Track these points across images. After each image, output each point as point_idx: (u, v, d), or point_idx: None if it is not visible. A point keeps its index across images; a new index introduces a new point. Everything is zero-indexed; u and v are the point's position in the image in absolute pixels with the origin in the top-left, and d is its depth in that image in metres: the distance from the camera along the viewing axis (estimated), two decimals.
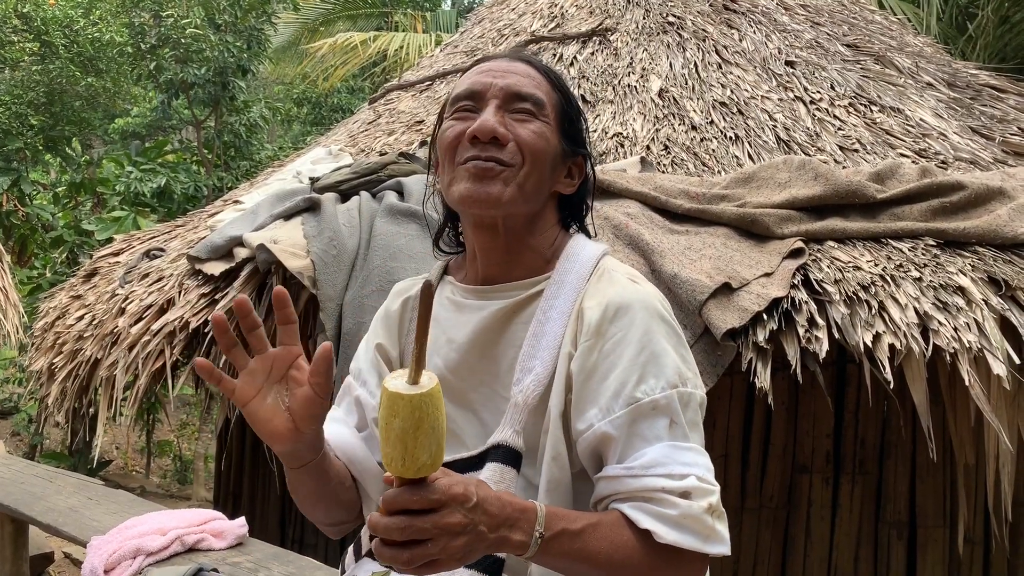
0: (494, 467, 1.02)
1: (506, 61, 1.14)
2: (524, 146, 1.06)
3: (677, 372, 1.01)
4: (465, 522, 0.85)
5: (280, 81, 14.16)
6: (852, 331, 2.33)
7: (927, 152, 3.34)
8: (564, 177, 1.14)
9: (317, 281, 2.71)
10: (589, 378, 1.02)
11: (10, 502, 2.82)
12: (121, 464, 8.68)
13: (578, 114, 1.16)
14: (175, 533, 2.13)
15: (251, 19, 8.86)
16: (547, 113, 1.10)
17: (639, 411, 0.99)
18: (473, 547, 0.87)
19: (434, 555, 0.84)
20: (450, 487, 0.85)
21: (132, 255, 3.65)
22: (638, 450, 0.98)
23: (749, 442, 3.23)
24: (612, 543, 0.96)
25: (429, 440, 0.82)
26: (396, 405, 0.82)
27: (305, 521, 3.90)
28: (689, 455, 0.98)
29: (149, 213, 8.10)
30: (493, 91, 1.08)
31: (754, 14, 4.41)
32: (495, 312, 1.10)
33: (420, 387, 0.82)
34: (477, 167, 1.05)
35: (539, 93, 1.10)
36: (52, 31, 8.45)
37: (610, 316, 1.02)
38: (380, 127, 4.31)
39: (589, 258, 1.10)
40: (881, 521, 3.19)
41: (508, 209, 1.06)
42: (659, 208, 2.83)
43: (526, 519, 0.92)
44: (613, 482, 0.99)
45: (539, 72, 1.13)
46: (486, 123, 1.05)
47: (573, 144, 1.13)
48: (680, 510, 0.95)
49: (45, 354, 3.46)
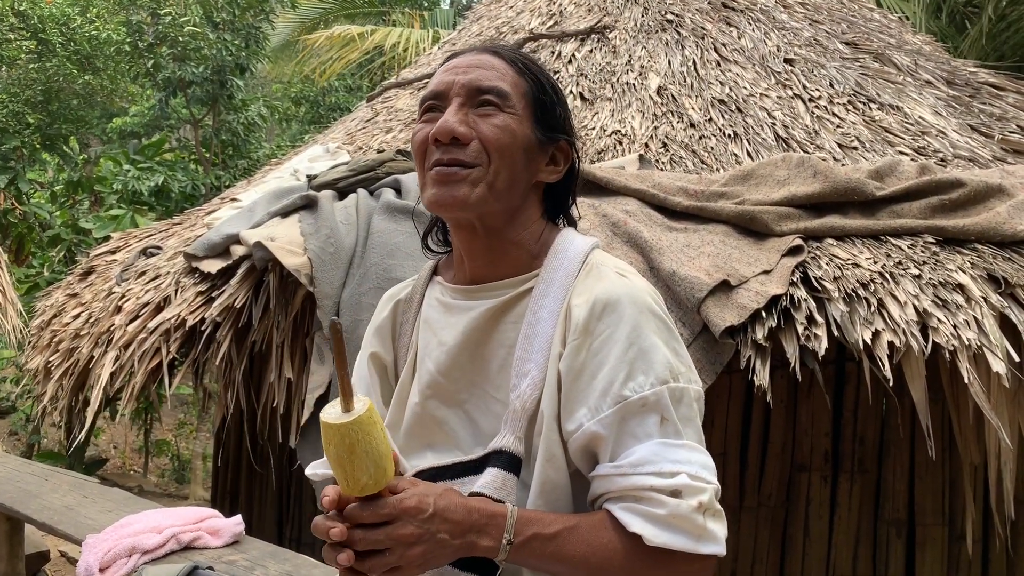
0: (495, 473, 1.00)
1: (471, 55, 1.09)
2: (487, 143, 1.03)
3: (667, 367, 0.98)
4: (419, 532, 0.90)
5: (278, 80, 14.14)
6: (851, 329, 2.33)
7: (926, 150, 3.33)
8: (546, 165, 1.09)
9: (314, 278, 2.70)
10: (578, 377, 1.00)
11: (5, 500, 2.81)
12: (119, 463, 8.67)
13: (554, 99, 1.10)
14: (171, 531, 2.12)
15: (249, 17, 8.84)
16: (512, 104, 1.05)
17: (628, 409, 0.97)
18: (434, 554, 0.91)
19: (393, 563, 0.90)
20: (401, 501, 0.90)
21: (129, 253, 3.63)
22: (628, 448, 0.97)
23: (748, 440, 3.22)
24: (590, 545, 0.95)
25: (365, 463, 0.87)
26: (328, 434, 0.87)
27: (303, 520, 3.88)
28: (681, 452, 0.96)
29: (147, 211, 8.09)
30: (455, 89, 1.05)
31: (753, 12, 4.40)
32: (483, 312, 1.08)
33: (349, 415, 0.87)
34: (439, 173, 1.03)
35: (502, 84, 1.05)
36: (49, 29, 8.44)
37: (597, 313, 1.00)
38: (378, 125, 4.30)
39: (577, 253, 1.07)
40: (880, 519, 3.18)
41: (479, 209, 1.04)
42: (658, 205, 2.82)
43: (495, 524, 0.93)
44: (604, 481, 0.98)
45: (505, 61, 1.08)
46: (444, 124, 1.03)
47: (550, 130, 1.09)
48: (669, 509, 0.93)
49: (42, 352, 3.45)
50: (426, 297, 1.18)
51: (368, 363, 1.22)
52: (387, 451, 0.90)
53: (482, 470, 1.02)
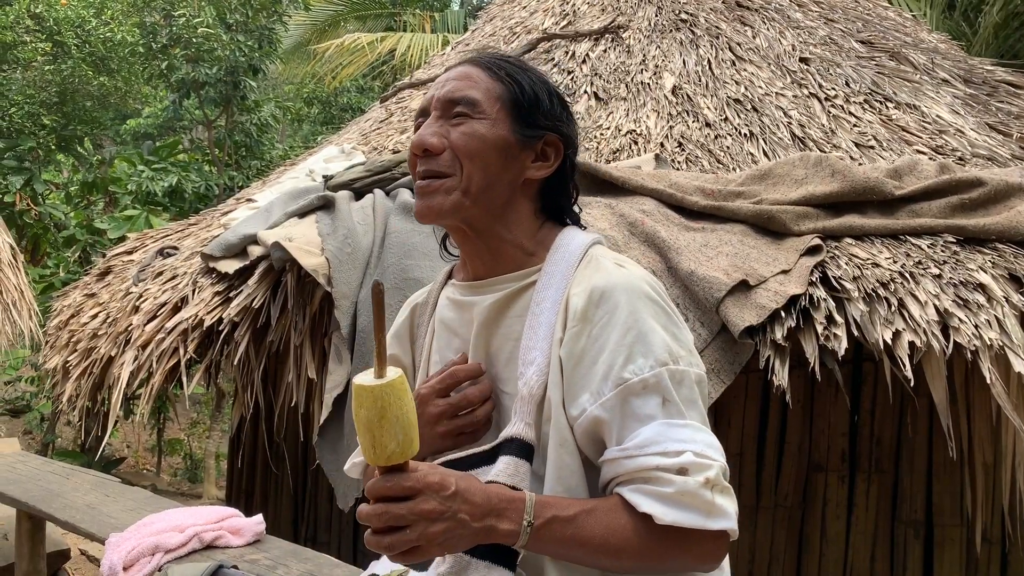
0: (508, 460, 1.02)
1: (454, 69, 1.15)
2: (457, 150, 1.08)
3: (667, 350, 1.00)
4: (441, 509, 0.89)
5: (290, 81, 14.19)
6: (871, 329, 2.32)
7: (944, 148, 3.31)
8: (532, 162, 1.12)
9: (332, 279, 2.71)
10: (579, 364, 1.03)
11: (28, 499, 2.83)
12: (132, 463, 8.72)
13: (534, 96, 1.12)
14: (193, 530, 2.13)
15: (262, 19, 8.88)
16: (483, 109, 1.09)
17: (629, 391, 0.99)
18: (454, 534, 0.91)
19: (413, 541, 0.88)
20: (425, 476, 0.90)
21: (146, 253, 3.65)
22: (633, 431, 0.98)
23: (764, 440, 3.21)
24: (607, 528, 0.96)
25: (394, 429, 0.87)
26: (360, 396, 0.88)
27: (319, 519, 3.90)
28: (685, 431, 0.98)
29: (161, 212, 8.13)
30: (434, 103, 1.12)
31: (767, 11, 4.39)
32: (488, 307, 1.13)
33: (382, 379, 0.88)
34: (419, 187, 1.10)
35: (472, 93, 1.10)
36: (64, 31, 8.50)
37: (595, 300, 1.03)
38: (392, 125, 4.30)
39: (578, 247, 1.11)
40: (897, 520, 3.16)
41: (457, 215, 1.09)
42: (675, 205, 2.82)
43: (514, 508, 0.94)
44: (613, 465, 1.00)
45: (481, 69, 1.13)
46: (418, 138, 1.10)
47: (532, 127, 1.11)
48: (676, 487, 0.94)
49: (59, 352, 3.47)
50: (440, 298, 1.24)
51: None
52: (415, 422, 0.90)
53: (495, 459, 1.04)
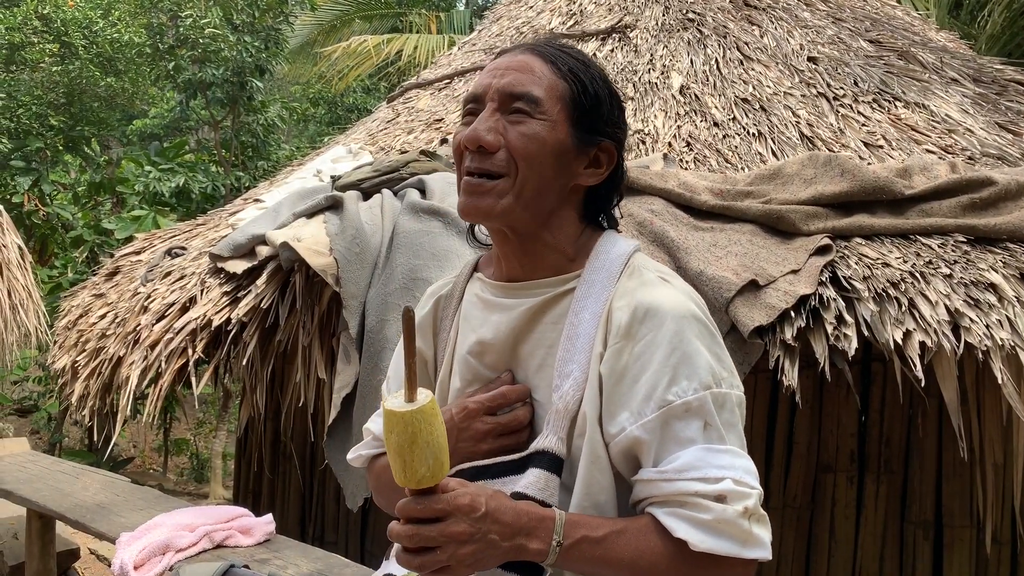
0: (537, 473, 1.01)
1: (513, 55, 1.08)
2: (514, 152, 1.03)
3: (711, 372, 0.98)
4: (472, 531, 0.89)
5: (296, 81, 14.22)
6: (882, 329, 2.31)
7: (953, 148, 3.30)
8: (585, 168, 1.08)
9: (340, 279, 2.71)
10: (620, 381, 1.00)
11: (38, 498, 2.84)
12: (139, 463, 8.75)
13: (596, 99, 1.07)
14: (203, 530, 2.14)
15: (268, 19, 8.90)
16: (545, 109, 1.03)
17: (671, 413, 0.97)
18: (484, 555, 0.91)
19: (443, 561, 0.89)
20: (456, 498, 0.90)
21: (154, 254, 3.66)
22: (672, 453, 0.97)
23: (773, 440, 3.20)
24: (637, 549, 0.95)
25: (425, 454, 0.88)
26: (391, 422, 0.88)
27: (326, 519, 3.90)
28: (725, 458, 0.96)
29: (168, 212, 8.16)
30: (491, 93, 1.05)
31: (775, 10, 4.38)
32: (523, 312, 1.09)
33: (413, 404, 0.88)
34: (467, 183, 1.05)
35: (535, 89, 1.04)
36: (72, 32, 8.53)
37: (640, 317, 1.00)
38: (399, 125, 4.31)
39: (619, 255, 1.07)
40: (907, 521, 3.15)
41: (505, 219, 1.05)
42: (683, 205, 2.81)
43: (544, 527, 0.94)
44: (648, 486, 0.98)
45: (545, 62, 1.06)
46: (473, 132, 1.04)
47: (590, 133, 1.06)
48: (715, 514, 0.93)
49: (68, 352, 3.48)
50: (466, 293, 1.19)
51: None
52: (445, 445, 0.90)
53: (523, 470, 1.03)
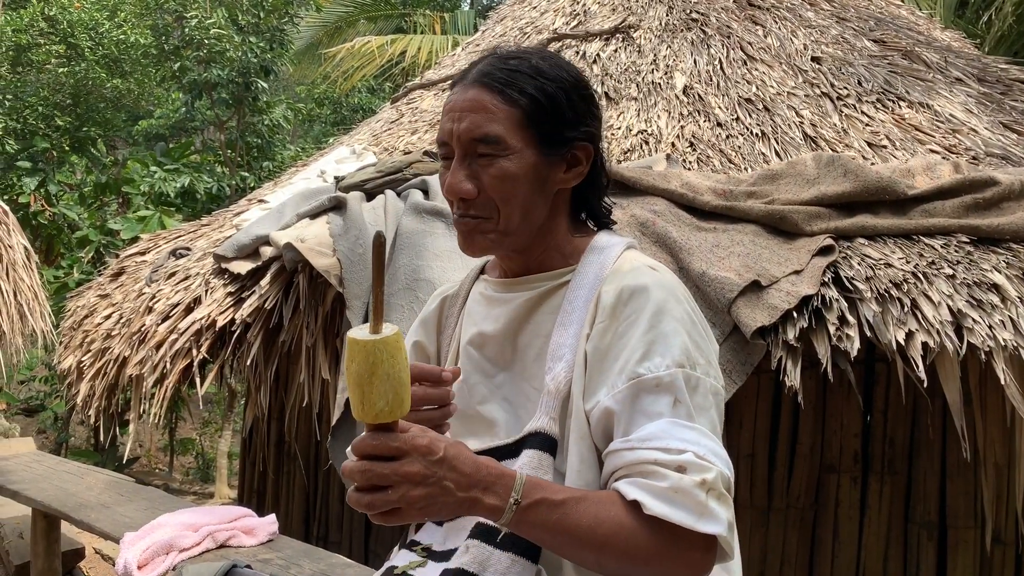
0: (531, 454, 1.03)
1: (464, 91, 1.09)
2: (492, 193, 1.07)
3: (685, 353, 1.00)
4: (426, 473, 0.87)
5: (301, 82, 14.25)
6: (884, 329, 2.31)
7: (957, 148, 3.29)
8: (565, 172, 1.11)
9: (343, 279, 2.72)
10: (602, 359, 1.03)
11: (43, 498, 2.86)
12: (145, 462, 8.78)
13: (556, 109, 1.08)
14: (207, 530, 2.15)
15: (274, 20, 8.92)
16: (508, 144, 1.06)
17: (641, 386, 0.98)
18: (436, 500, 0.88)
19: (393, 502, 0.87)
20: (413, 438, 0.88)
21: (159, 254, 3.68)
22: (640, 425, 0.97)
23: (776, 441, 3.20)
24: (596, 517, 0.94)
25: (384, 387, 0.85)
26: (352, 351, 0.85)
27: (330, 518, 3.91)
28: (691, 433, 0.96)
29: (174, 213, 8.18)
30: (455, 140, 1.08)
31: (779, 10, 4.37)
32: (522, 303, 1.14)
33: (376, 335, 0.85)
34: (457, 224, 1.11)
35: (493, 128, 1.06)
36: (78, 33, 8.57)
37: (625, 298, 1.03)
38: (403, 126, 4.32)
39: (612, 249, 1.13)
40: (910, 522, 3.14)
41: (498, 249, 1.12)
42: (686, 205, 2.81)
43: (502, 484, 0.92)
44: (614, 457, 0.98)
45: (495, 93, 1.07)
46: (451, 185, 1.08)
47: (559, 142, 1.09)
48: (671, 482, 0.92)
49: (74, 352, 3.50)
50: (471, 293, 1.25)
51: (411, 352, 1.28)
52: (407, 381, 0.88)
53: (518, 453, 1.05)
